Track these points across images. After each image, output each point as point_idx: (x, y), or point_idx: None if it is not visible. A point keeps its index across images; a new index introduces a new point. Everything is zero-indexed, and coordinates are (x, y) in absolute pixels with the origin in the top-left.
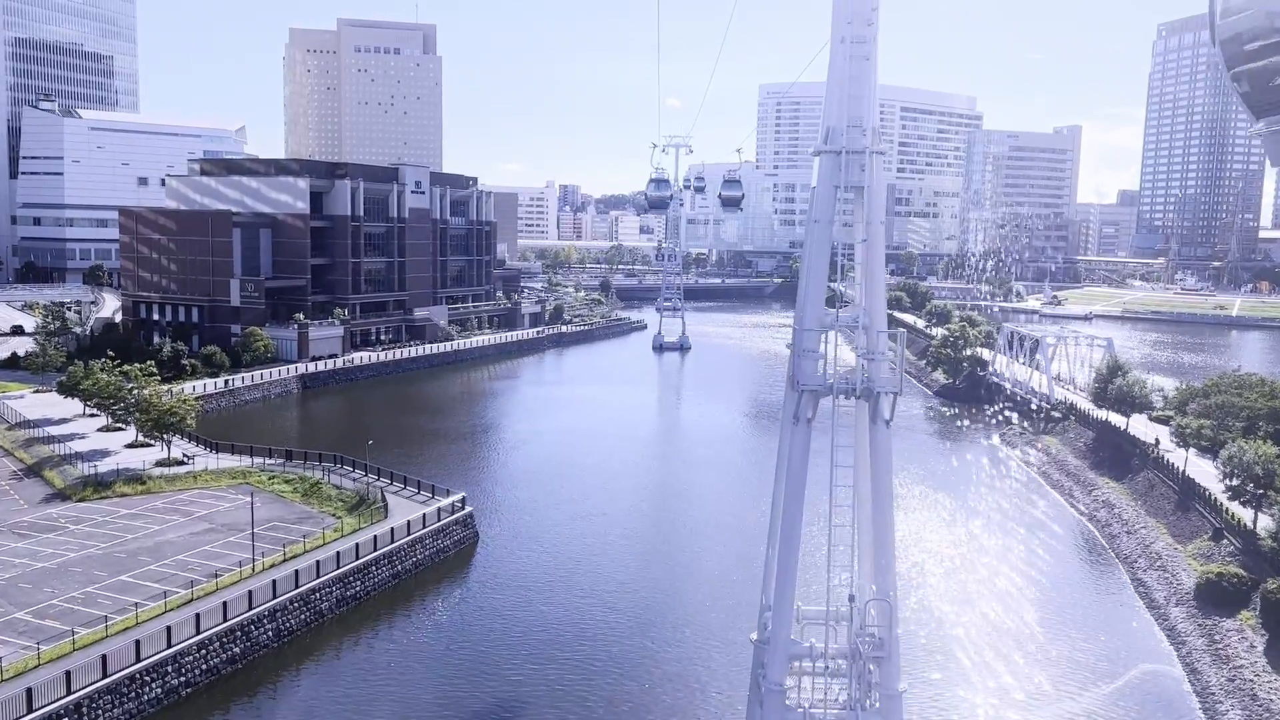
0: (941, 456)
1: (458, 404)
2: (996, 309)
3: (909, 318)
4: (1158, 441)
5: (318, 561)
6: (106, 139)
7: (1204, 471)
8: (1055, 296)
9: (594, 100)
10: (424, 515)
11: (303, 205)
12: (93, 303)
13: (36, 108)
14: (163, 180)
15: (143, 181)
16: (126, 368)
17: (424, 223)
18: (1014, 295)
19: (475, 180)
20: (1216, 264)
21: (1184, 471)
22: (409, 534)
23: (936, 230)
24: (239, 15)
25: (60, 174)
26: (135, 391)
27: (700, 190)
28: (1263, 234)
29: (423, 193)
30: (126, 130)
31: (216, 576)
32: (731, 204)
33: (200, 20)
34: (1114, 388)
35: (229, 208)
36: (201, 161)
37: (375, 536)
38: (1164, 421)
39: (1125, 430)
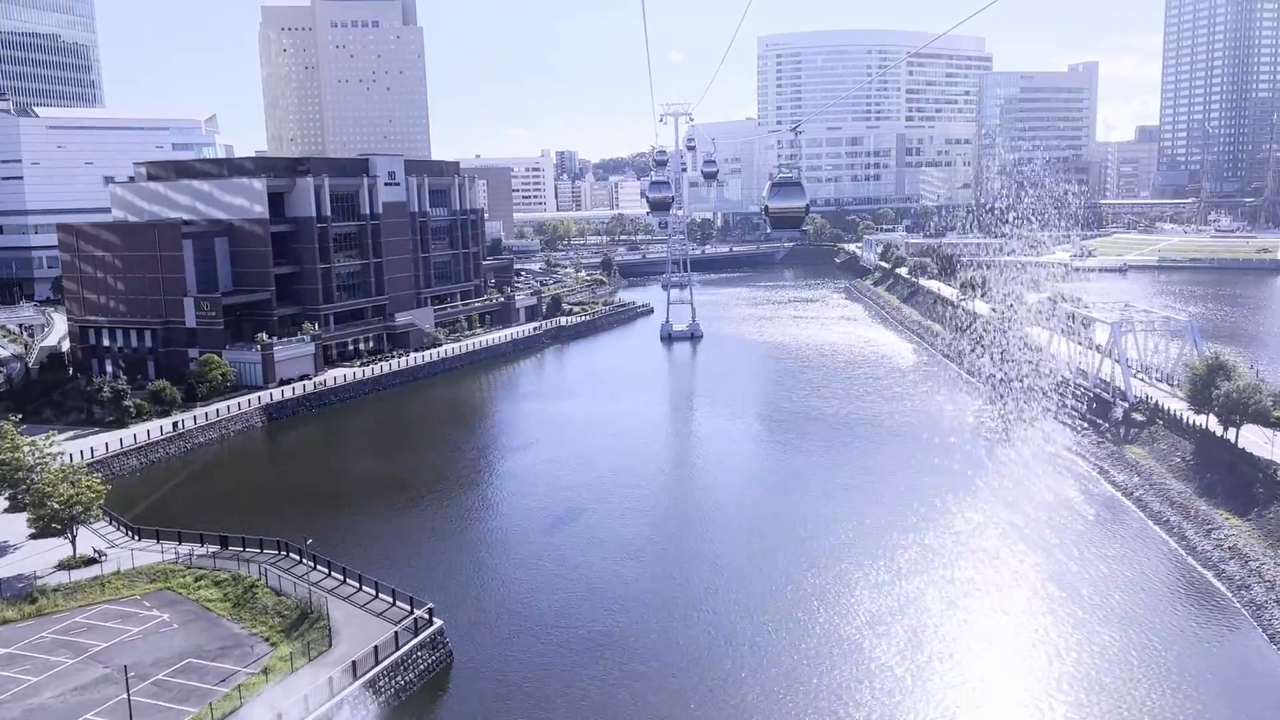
0: (1003, 475)
1: (439, 433)
2: (1024, 265)
3: (937, 286)
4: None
5: None
6: (67, 137)
7: None
8: (1085, 248)
9: (589, 59)
10: (376, 648)
11: (261, 209)
12: (43, 326)
13: None
14: (131, 179)
15: (109, 181)
16: (21, 441)
17: (401, 217)
18: (1040, 248)
19: (457, 165)
20: (1249, 200)
21: None
22: (355, 678)
23: (951, 179)
24: None
25: (20, 178)
26: (39, 470)
27: (711, 176)
28: None
29: (398, 184)
30: (88, 127)
31: None
32: (786, 223)
33: (168, 4)
34: (1220, 394)
35: (181, 215)
36: (148, 165)
37: (306, 696)
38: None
39: (1243, 449)
